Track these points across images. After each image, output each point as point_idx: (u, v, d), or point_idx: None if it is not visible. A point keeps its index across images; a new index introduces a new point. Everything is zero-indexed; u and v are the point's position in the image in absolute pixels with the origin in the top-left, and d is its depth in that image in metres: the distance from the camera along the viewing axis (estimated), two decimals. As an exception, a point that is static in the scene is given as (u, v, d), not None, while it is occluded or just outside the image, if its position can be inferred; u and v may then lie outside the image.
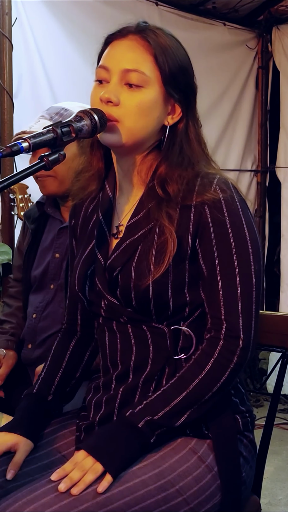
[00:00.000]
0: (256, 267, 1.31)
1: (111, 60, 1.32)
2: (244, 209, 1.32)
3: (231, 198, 1.30)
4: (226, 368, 1.28)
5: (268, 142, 4.52)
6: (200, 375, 1.28)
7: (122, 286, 1.32)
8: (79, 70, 3.25)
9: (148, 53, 1.30)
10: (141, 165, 1.36)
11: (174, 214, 1.30)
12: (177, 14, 3.83)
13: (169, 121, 1.34)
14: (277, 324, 1.58)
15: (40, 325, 1.99)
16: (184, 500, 1.25)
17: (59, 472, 1.23)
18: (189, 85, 1.35)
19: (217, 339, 1.30)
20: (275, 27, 4.33)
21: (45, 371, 1.48)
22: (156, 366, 1.32)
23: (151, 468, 1.25)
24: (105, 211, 1.42)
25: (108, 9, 3.39)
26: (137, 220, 1.35)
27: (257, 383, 4.04)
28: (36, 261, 2.06)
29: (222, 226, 1.29)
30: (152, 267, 1.28)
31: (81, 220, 1.49)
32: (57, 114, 1.92)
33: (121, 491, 1.20)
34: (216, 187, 1.30)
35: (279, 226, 4.39)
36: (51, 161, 1.23)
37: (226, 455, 1.31)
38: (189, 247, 1.30)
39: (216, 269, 1.30)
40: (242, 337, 1.29)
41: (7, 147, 1.17)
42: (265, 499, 2.84)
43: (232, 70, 4.25)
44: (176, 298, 1.31)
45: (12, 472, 1.32)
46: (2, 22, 2.88)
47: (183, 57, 1.35)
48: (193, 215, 1.30)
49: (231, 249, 1.29)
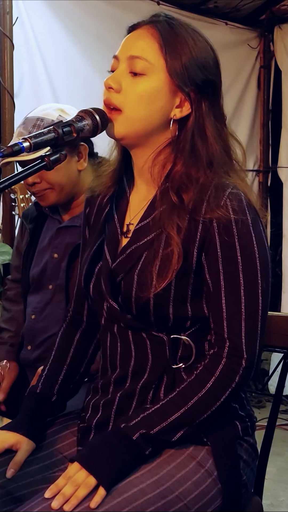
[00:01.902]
0: (264, 285, 1.27)
1: (121, 49, 1.31)
2: (256, 227, 1.27)
3: (242, 220, 1.24)
4: (227, 388, 1.25)
5: (270, 141, 4.51)
6: (200, 393, 1.25)
7: (123, 293, 1.30)
8: (80, 70, 3.25)
9: (155, 40, 1.28)
10: (154, 162, 1.32)
11: (183, 225, 1.26)
12: (179, 13, 3.81)
13: (177, 115, 1.29)
14: (279, 324, 1.58)
15: (39, 326, 1.98)
16: (185, 505, 1.24)
17: (52, 489, 1.20)
18: (207, 81, 1.30)
19: (219, 357, 1.26)
20: (277, 27, 4.33)
21: (48, 367, 1.47)
22: (154, 374, 1.30)
23: (148, 476, 1.23)
24: (119, 206, 1.40)
25: (109, 8, 3.38)
26: (145, 225, 1.32)
27: (259, 384, 4.04)
28: (34, 261, 2.05)
29: (230, 246, 1.25)
30: (155, 280, 1.25)
31: (95, 209, 1.46)
32: (34, 126, 1.87)
33: (119, 502, 1.18)
34: (227, 202, 1.24)
35: (281, 226, 4.38)
36: (52, 161, 1.22)
37: (225, 460, 1.30)
38: (194, 260, 1.26)
39: (221, 286, 1.26)
40: (245, 357, 1.25)
41: (8, 146, 1.17)
42: (267, 500, 2.83)
43: (234, 70, 4.24)
44: (177, 311, 1.28)
45: (12, 471, 1.31)
46: (3, 22, 2.88)
47: (204, 53, 1.30)
48: (200, 229, 1.26)
49: (238, 265, 1.25)
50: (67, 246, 1.93)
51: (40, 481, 1.34)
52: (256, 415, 1.46)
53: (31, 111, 1.97)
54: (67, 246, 1.93)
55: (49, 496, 1.19)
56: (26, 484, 1.33)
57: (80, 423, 1.41)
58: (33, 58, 3.13)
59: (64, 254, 1.93)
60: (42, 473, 1.35)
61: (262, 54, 4.40)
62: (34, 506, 1.19)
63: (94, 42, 3.29)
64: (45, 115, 1.89)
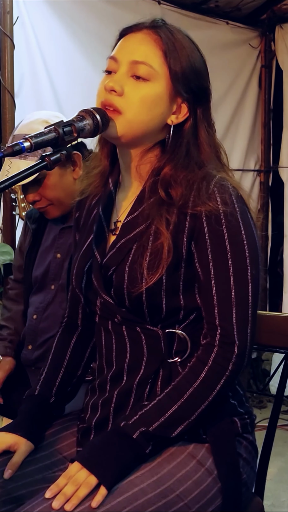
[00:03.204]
0: (253, 271, 1.28)
1: (121, 51, 1.31)
2: (244, 216, 1.29)
3: (230, 210, 1.26)
4: (221, 376, 1.26)
5: (271, 141, 4.51)
6: (194, 384, 1.25)
7: (115, 286, 1.31)
8: (81, 69, 3.25)
9: (159, 48, 1.29)
10: (141, 160, 1.34)
11: (171, 219, 1.28)
12: (180, 12, 3.82)
13: (173, 120, 1.32)
14: (280, 324, 1.58)
15: (41, 326, 1.98)
16: (186, 505, 1.24)
17: (53, 489, 1.20)
18: (201, 88, 1.33)
19: (212, 346, 1.27)
20: (278, 26, 4.32)
21: (46, 370, 1.47)
22: (150, 369, 1.31)
23: (149, 476, 1.23)
24: (105, 206, 1.41)
25: (110, 7, 3.38)
26: (133, 218, 1.33)
27: (260, 384, 4.03)
28: (37, 261, 2.05)
29: (219, 234, 1.27)
30: (145, 273, 1.26)
31: (84, 212, 1.48)
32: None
33: (120, 502, 1.18)
34: (215, 192, 1.26)
35: (282, 226, 4.38)
36: (52, 161, 1.22)
37: (225, 458, 1.30)
38: (184, 251, 1.28)
39: (211, 274, 1.27)
40: (237, 343, 1.26)
41: (9, 146, 1.16)
42: (268, 501, 2.82)
43: (235, 69, 4.23)
44: (170, 301, 1.29)
45: (10, 472, 1.31)
46: (3, 21, 2.87)
47: (198, 60, 1.33)
48: (188, 220, 1.27)
49: (227, 253, 1.27)
50: (70, 246, 1.93)
51: (40, 481, 1.34)
52: (257, 416, 1.46)
53: (16, 128, 1.97)
54: (70, 246, 1.93)
55: (49, 496, 1.19)
56: (26, 484, 1.33)
57: (80, 424, 1.41)
58: (33, 58, 3.13)
59: (67, 254, 1.94)
60: (42, 473, 1.35)
61: (263, 54, 4.39)
62: (35, 506, 1.19)
63: (94, 41, 3.29)
64: (29, 130, 1.89)
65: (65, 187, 1.92)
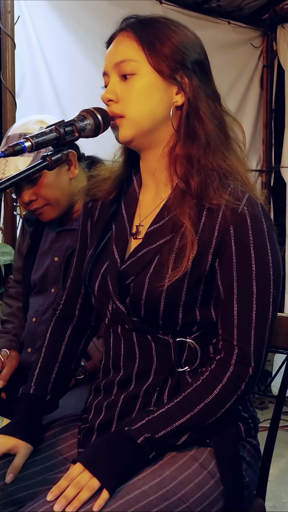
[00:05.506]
0: (275, 294, 1.27)
1: (106, 63, 1.33)
2: (271, 236, 1.28)
3: (258, 229, 1.25)
4: (233, 395, 1.26)
5: (273, 141, 4.50)
6: (206, 399, 1.24)
7: (133, 296, 1.29)
8: (82, 69, 3.25)
9: (131, 39, 1.29)
10: (164, 159, 1.32)
11: (193, 213, 1.26)
12: (181, 12, 3.81)
13: (179, 101, 1.30)
14: (282, 325, 1.57)
15: (40, 329, 1.98)
16: (188, 507, 1.23)
17: (54, 491, 1.19)
18: (193, 61, 1.30)
19: (227, 364, 1.26)
20: (280, 26, 4.32)
21: (40, 365, 1.46)
22: (159, 377, 1.30)
23: (151, 478, 1.22)
24: (128, 207, 1.39)
25: (111, 7, 3.37)
26: (159, 227, 1.31)
27: (262, 385, 4.02)
28: (35, 264, 2.05)
29: (245, 254, 1.25)
30: (166, 287, 1.24)
31: (98, 211, 1.45)
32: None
33: (121, 504, 1.18)
34: (245, 210, 1.24)
35: (284, 227, 4.37)
36: (53, 161, 1.22)
37: (228, 461, 1.29)
38: (208, 265, 1.26)
39: (234, 294, 1.26)
40: (253, 365, 1.25)
41: (10, 146, 1.16)
42: (270, 502, 2.82)
43: (237, 69, 4.23)
44: (186, 315, 1.27)
45: (11, 475, 1.31)
46: (4, 21, 2.87)
47: (183, 36, 1.31)
48: (216, 235, 1.25)
49: (252, 275, 1.25)
50: (66, 250, 1.93)
51: (40, 483, 1.33)
52: (259, 417, 1.45)
53: (10, 129, 1.96)
54: (67, 249, 1.93)
55: (51, 499, 1.18)
56: (26, 486, 1.33)
57: (82, 424, 1.41)
58: (34, 57, 3.12)
59: (64, 257, 1.93)
60: (43, 474, 1.35)
61: (265, 54, 4.39)
62: (36, 508, 1.18)
63: (96, 41, 3.27)
64: (25, 130, 1.88)
65: (61, 186, 1.91)
